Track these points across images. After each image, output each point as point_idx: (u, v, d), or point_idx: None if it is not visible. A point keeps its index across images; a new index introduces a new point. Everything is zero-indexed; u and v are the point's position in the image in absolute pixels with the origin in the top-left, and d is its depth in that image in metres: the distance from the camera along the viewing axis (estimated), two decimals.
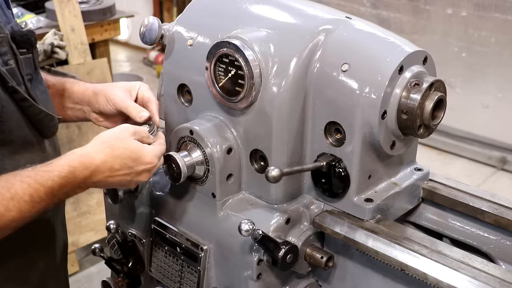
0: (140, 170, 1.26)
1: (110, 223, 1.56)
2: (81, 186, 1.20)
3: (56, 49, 3.16)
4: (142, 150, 1.27)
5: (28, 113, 1.30)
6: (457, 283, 1.14)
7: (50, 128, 1.37)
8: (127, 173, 1.25)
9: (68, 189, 1.18)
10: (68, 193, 1.19)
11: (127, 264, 1.58)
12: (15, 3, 3.64)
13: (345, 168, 1.27)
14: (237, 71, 1.28)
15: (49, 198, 1.15)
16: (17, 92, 1.26)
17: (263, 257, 1.31)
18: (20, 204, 1.11)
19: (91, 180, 1.21)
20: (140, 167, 1.26)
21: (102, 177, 1.22)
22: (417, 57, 1.27)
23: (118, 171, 1.23)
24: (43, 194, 1.14)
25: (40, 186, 1.14)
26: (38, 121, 1.32)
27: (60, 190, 1.17)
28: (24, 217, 1.13)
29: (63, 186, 1.17)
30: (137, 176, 1.27)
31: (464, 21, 4.66)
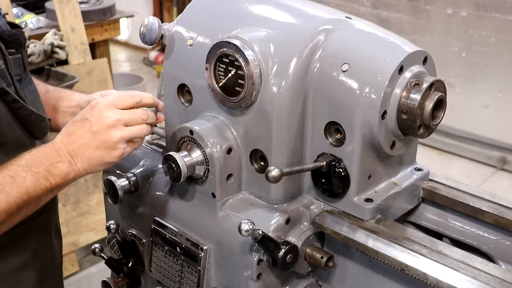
0: (96, 121, 1.24)
1: (110, 223, 1.56)
2: (59, 154, 1.21)
3: (56, 49, 3.16)
4: (97, 101, 1.27)
5: (19, 115, 1.29)
6: (457, 283, 1.14)
7: (41, 129, 1.37)
8: (86, 130, 1.23)
9: (44, 162, 1.19)
10: (48, 168, 1.19)
11: (127, 264, 1.58)
12: (15, 3, 3.64)
13: (345, 168, 1.27)
14: (237, 71, 1.29)
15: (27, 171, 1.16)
16: (7, 93, 1.25)
17: (263, 257, 1.31)
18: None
19: (61, 143, 1.22)
20: (95, 118, 1.24)
21: (67, 140, 1.23)
22: (417, 57, 1.27)
23: (76, 129, 1.23)
24: (21, 170, 1.15)
25: (16, 165, 1.17)
26: (29, 122, 1.32)
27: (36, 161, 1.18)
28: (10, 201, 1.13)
29: (36, 160, 1.18)
30: (99, 132, 1.24)
31: (464, 21, 4.67)
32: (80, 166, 1.24)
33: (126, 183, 1.49)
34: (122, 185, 1.48)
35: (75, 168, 1.23)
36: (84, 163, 1.24)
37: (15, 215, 1.17)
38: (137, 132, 1.29)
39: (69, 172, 1.22)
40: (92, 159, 1.25)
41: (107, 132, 1.25)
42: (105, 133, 1.25)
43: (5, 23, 1.37)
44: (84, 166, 1.24)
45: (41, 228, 1.46)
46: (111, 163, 1.28)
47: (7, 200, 1.13)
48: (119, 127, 1.26)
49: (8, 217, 1.15)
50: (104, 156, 1.25)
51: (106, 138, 1.25)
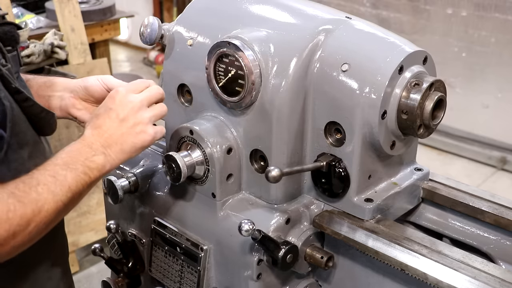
0: (121, 108, 1.24)
1: (110, 223, 1.56)
2: (93, 148, 1.21)
3: (56, 49, 3.16)
4: (114, 91, 1.28)
5: (30, 113, 1.29)
6: (457, 283, 1.14)
7: (51, 126, 1.36)
8: (114, 119, 1.23)
9: (79, 158, 1.19)
10: (85, 162, 1.19)
11: (127, 264, 1.58)
12: (15, 3, 3.64)
13: (345, 168, 1.27)
14: (237, 71, 1.29)
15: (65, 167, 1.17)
16: (20, 92, 1.25)
17: (263, 257, 1.31)
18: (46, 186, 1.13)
19: (96, 138, 1.22)
20: (119, 106, 1.24)
21: (97, 133, 1.23)
22: (417, 57, 1.27)
23: (103, 121, 1.23)
24: (60, 169, 1.16)
25: (53, 165, 1.17)
26: (40, 119, 1.31)
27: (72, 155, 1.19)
28: (57, 200, 1.14)
29: (71, 157, 1.18)
30: (127, 118, 1.24)
31: (464, 21, 4.67)
32: (114, 156, 1.23)
33: (126, 183, 1.49)
34: (122, 185, 1.48)
35: (110, 159, 1.23)
36: (118, 153, 1.24)
37: (62, 213, 1.19)
38: (161, 109, 1.30)
39: (105, 164, 1.22)
40: (126, 147, 1.24)
41: (135, 116, 1.25)
42: (133, 118, 1.25)
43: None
44: (119, 155, 1.24)
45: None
46: (144, 147, 1.28)
47: (54, 199, 1.14)
48: (144, 108, 1.27)
49: (57, 216, 1.17)
50: (136, 142, 1.25)
51: (135, 122, 1.25)
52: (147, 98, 1.29)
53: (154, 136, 1.27)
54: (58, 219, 1.19)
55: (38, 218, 1.11)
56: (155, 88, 1.32)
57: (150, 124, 1.27)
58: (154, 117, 1.29)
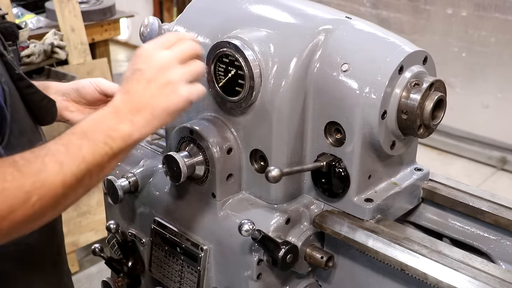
0: (148, 67, 1.10)
1: (110, 223, 1.56)
2: (120, 113, 1.08)
3: (56, 49, 3.17)
4: (140, 50, 1.14)
5: (32, 100, 1.25)
6: (457, 283, 1.14)
7: (52, 114, 1.34)
8: (141, 80, 1.10)
9: (102, 126, 1.07)
10: (107, 132, 1.07)
11: (127, 264, 1.58)
12: (15, 3, 3.64)
13: (345, 168, 1.27)
14: (237, 71, 1.29)
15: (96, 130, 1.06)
16: (23, 79, 1.22)
17: (263, 257, 1.31)
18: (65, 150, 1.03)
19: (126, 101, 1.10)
20: (146, 65, 1.11)
21: (125, 99, 1.10)
22: (417, 57, 1.27)
23: (131, 85, 1.11)
24: (75, 138, 1.06)
25: (69, 135, 1.07)
26: (41, 107, 1.29)
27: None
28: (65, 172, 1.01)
29: (92, 124, 1.08)
30: (155, 78, 1.10)
31: (464, 21, 4.67)
32: (144, 123, 1.09)
33: (126, 183, 1.49)
34: (122, 185, 1.48)
35: (138, 126, 1.09)
36: (149, 118, 1.10)
37: (77, 189, 1.05)
38: (196, 66, 1.15)
39: (132, 133, 1.08)
40: (157, 110, 1.10)
41: (164, 75, 1.11)
42: (162, 77, 1.10)
43: None
44: (150, 122, 1.10)
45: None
46: (178, 110, 1.13)
47: (62, 171, 1.01)
48: (174, 66, 1.12)
49: (69, 190, 1.03)
50: (169, 104, 1.10)
51: (165, 82, 1.10)
52: (179, 54, 1.14)
53: (188, 96, 1.12)
54: (71, 196, 1.05)
55: (40, 191, 0.98)
56: (188, 42, 1.16)
57: (182, 83, 1.11)
58: (187, 75, 1.13)
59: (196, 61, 1.16)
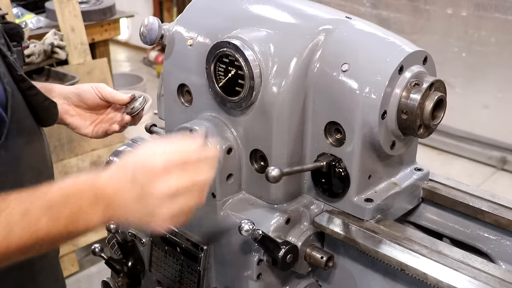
0: (147, 188, 0.99)
1: (110, 223, 1.55)
2: (91, 205, 1.00)
3: (56, 49, 3.17)
4: (151, 152, 1.02)
5: (34, 102, 1.27)
6: (457, 283, 1.14)
7: (53, 116, 1.37)
8: (134, 195, 1.00)
9: (72, 205, 1.00)
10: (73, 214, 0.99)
11: (127, 264, 1.58)
12: (15, 3, 3.64)
13: (345, 168, 1.27)
14: (237, 71, 1.29)
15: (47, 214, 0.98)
16: (25, 80, 1.24)
17: (263, 257, 1.31)
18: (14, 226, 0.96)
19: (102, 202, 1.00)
20: (147, 184, 0.99)
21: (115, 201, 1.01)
22: (417, 57, 1.27)
23: (121, 190, 1.01)
24: (38, 208, 0.98)
25: (35, 199, 0.99)
26: (43, 108, 1.31)
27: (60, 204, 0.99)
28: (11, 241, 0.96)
29: (64, 197, 1.00)
30: (148, 204, 0.99)
31: (464, 21, 4.67)
32: (111, 219, 1.04)
33: None
34: None
35: (105, 222, 1.03)
36: (118, 219, 1.07)
37: (23, 253, 1.00)
38: (195, 202, 1.04)
39: (97, 225, 1.02)
40: (130, 223, 1.08)
41: (160, 207, 1.00)
42: (157, 208, 1.00)
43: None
44: (116, 221, 1.10)
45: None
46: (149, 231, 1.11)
47: (9, 237, 0.96)
48: (174, 200, 1.00)
49: (12, 255, 0.98)
50: (146, 226, 1.07)
51: (154, 211, 1.00)
52: (184, 187, 1.01)
53: (162, 232, 1.09)
54: (14, 259, 1.00)
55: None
56: (208, 170, 1.04)
57: (170, 219, 1.02)
58: (180, 213, 1.03)
59: (202, 194, 1.05)
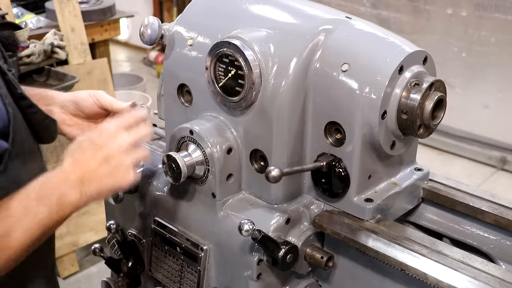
0: (107, 146, 1.16)
1: (110, 223, 1.55)
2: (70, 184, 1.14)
3: (56, 49, 3.16)
4: (101, 126, 1.22)
5: (34, 120, 1.25)
6: (457, 283, 1.14)
7: (52, 134, 1.33)
8: (98, 157, 1.15)
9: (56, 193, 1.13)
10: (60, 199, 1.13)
11: (127, 264, 1.58)
12: (15, 3, 3.64)
13: (345, 168, 1.27)
14: (237, 71, 1.29)
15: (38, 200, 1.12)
16: (25, 98, 1.21)
17: (263, 257, 1.31)
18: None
19: (75, 176, 1.15)
20: (105, 144, 1.17)
21: (77, 167, 1.15)
22: (417, 57, 1.27)
23: (85, 156, 1.16)
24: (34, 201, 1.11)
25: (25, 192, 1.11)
26: (43, 127, 1.28)
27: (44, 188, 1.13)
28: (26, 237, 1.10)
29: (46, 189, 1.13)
30: (111, 158, 1.16)
31: (464, 21, 4.66)
32: (89, 194, 1.17)
33: None
34: None
35: (84, 197, 1.16)
36: (93, 191, 1.18)
37: (31, 247, 1.14)
38: (144, 154, 1.24)
39: (79, 202, 1.16)
40: (103, 186, 1.18)
41: (119, 158, 1.18)
42: (117, 160, 1.18)
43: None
44: (93, 195, 1.18)
45: None
46: (119, 190, 1.25)
47: (24, 233, 1.09)
48: (130, 152, 1.20)
49: (25, 250, 1.12)
50: (114, 183, 1.19)
51: (118, 165, 1.18)
52: (135, 141, 1.22)
53: (132, 181, 1.22)
54: (22, 255, 1.13)
55: (7, 253, 1.08)
56: (144, 130, 1.25)
57: (132, 168, 1.20)
58: (138, 160, 1.23)
59: (146, 149, 1.26)
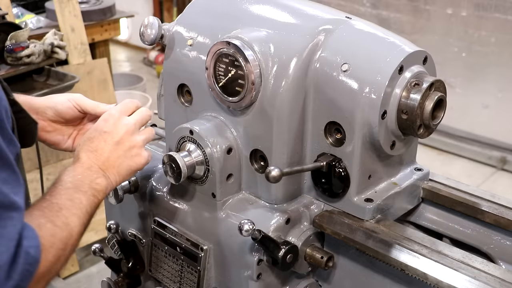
0: (115, 131, 1.24)
1: (110, 223, 1.56)
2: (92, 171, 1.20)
3: (56, 49, 3.16)
4: (104, 116, 1.28)
5: (21, 124, 1.25)
6: (457, 283, 1.14)
7: (34, 137, 1.32)
8: (109, 142, 1.23)
9: (88, 183, 1.18)
10: (92, 185, 1.19)
11: (127, 264, 1.58)
12: (15, 3, 3.64)
13: (345, 168, 1.27)
14: (237, 71, 1.29)
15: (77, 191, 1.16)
16: (15, 103, 1.21)
17: (263, 257, 1.31)
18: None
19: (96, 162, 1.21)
20: (114, 129, 1.24)
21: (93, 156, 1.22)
22: (417, 57, 1.27)
23: (98, 144, 1.23)
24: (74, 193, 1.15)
25: (60, 185, 1.15)
26: (27, 131, 1.28)
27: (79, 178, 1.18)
28: (81, 223, 1.14)
29: (79, 181, 1.17)
30: (122, 141, 1.25)
31: (464, 21, 4.66)
32: (112, 179, 1.24)
33: (126, 183, 1.49)
34: (122, 185, 1.48)
35: (109, 181, 1.23)
36: (115, 175, 1.24)
37: (82, 236, 1.18)
38: (150, 132, 1.33)
39: (107, 186, 1.22)
40: (122, 169, 1.25)
41: (130, 139, 1.26)
42: (128, 141, 1.26)
43: None
44: (116, 178, 1.25)
45: None
46: (138, 170, 1.30)
47: (79, 222, 1.14)
48: (137, 131, 1.29)
49: (79, 241, 1.16)
50: (132, 164, 1.27)
51: (130, 145, 1.26)
52: (139, 121, 1.30)
53: (148, 159, 1.29)
54: (80, 240, 1.17)
55: (71, 241, 1.10)
56: (144, 110, 1.33)
57: (143, 147, 1.29)
58: (146, 140, 1.31)
59: (150, 128, 1.34)
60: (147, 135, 1.31)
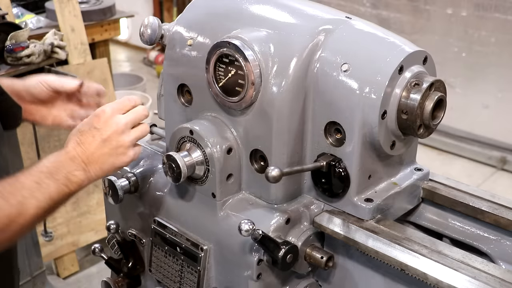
0: (105, 128, 1.27)
1: (110, 223, 1.56)
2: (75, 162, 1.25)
3: (56, 49, 3.16)
4: (97, 112, 1.31)
5: (3, 107, 1.30)
6: (457, 283, 1.14)
7: (17, 120, 1.39)
8: (97, 138, 1.27)
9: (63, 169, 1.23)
10: (67, 175, 1.23)
11: (127, 264, 1.58)
12: (15, 3, 3.64)
13: (345, 168, 1.27)
14: (237, 71, 1.29)
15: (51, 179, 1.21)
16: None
17: (263, 257, 1.31)
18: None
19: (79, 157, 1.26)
20: (104, 126, 1.27)
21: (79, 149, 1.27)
22: (417, 57, 1.27)
23: (86, 138, 1.27)
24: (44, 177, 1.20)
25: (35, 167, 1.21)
26: (11, 113, 1.33)
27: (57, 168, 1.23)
28: (39, 206, 1.19)
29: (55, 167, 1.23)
30: (110, 139, 1.28)
31: (464, 21, 4.67)
32: (93, 173, 1.28)
33: (126, 183, 1.49)
34: (122, 185, 1.48)
35: (89, 175, 1.28)
36: (97, 170, 1.29)
37: (40, 219, 1.23)
38: (142, 130, 1.34)
39: (84, 180, 1.27)
40: (105, 165, 1.30)
41: (117, 138, 1.29)
42: (115, 140, 1.29)
43: None
44: (97, 173, 1.29)
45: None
46: (122, 167, 1.34)
47: (37, 205, 1.18)
48: (127, 131, 1.31)
49: (35, 221, 1.21)
50: (115, 162, 1.31)
51: (117, 144, 1.29)
52: (132, 120, 1.32)
53: (133, 158, 1.32)
54: (35, 224, 1.23)
55: (20, 220, 1.16)
56: (140, 108, 1.35)
57: (131, 147, 1.32)
58: (136, 139, 1.33)
59: (144, 125, 1.36)
60: (138, 133, 1.33)
